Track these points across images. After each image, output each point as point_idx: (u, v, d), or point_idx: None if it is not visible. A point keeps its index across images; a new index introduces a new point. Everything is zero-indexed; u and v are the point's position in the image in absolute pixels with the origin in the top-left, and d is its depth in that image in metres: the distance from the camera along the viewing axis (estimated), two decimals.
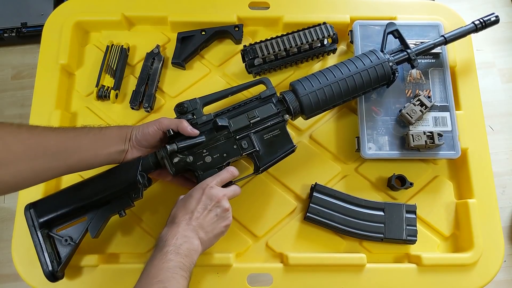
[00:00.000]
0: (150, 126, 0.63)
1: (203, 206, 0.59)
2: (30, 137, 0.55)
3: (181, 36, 0.80)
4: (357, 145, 0.74)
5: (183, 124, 0.63)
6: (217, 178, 0.63)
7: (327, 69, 0.69)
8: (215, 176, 0.63)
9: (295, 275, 0.68)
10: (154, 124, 0.63)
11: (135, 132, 0.63)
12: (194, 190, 0.62)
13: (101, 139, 0.61)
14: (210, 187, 0.61)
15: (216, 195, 0.60)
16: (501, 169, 1.45)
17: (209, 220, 0.60)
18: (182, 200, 0.62)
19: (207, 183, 0.61)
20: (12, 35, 1.48)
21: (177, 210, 0.60)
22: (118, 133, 0.63)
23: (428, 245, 0.72)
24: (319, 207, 0.70)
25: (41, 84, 0.77)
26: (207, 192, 0.60)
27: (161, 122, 0.63)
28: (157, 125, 0.63)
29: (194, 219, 0.58)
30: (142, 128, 0.63)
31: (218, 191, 0.61)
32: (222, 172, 0.64)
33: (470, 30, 0.75)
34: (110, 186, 0.63)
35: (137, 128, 0.64)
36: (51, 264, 0.61)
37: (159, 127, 0.63)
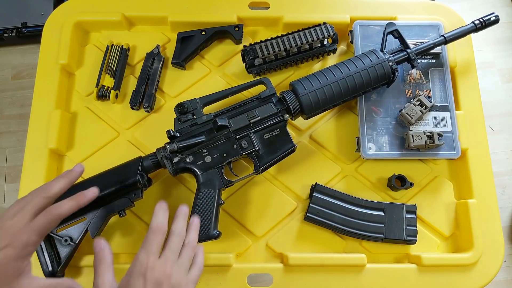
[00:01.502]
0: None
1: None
2: None
3: (181, 36, 0.80)
4: (357, 145, 0.74)
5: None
6: (151, 247, 0.48)
7: (327, 69, 0.69)
8: (146, 246, 0.48)
9: (295, 275, 0.68)
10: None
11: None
12: (132, 278, 0.46)
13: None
14: (151, 268, 0.46)
15: (163, 276, 0.46)
16: (501, 169, 1.45)
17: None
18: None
19: (144, 265, 0.47)
20: (12, 35, 1.48)
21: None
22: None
23: (428, 245, 0.72)
24: (319, 207, 0.70)
25: (41, 84, 0.77)
26: (151, 277, 0.45)
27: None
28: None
29: None
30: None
31: (164, 269, 0.47)
32: (150, 235, 0.49)
33: (470, 30, 0.75)
34: (110, 186, 0.63)
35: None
36: (51, 264, 0.61)
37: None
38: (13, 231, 0.46)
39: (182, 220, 0.54)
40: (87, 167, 0.74)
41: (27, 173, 0.72)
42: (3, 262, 0.44)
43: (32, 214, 0.48)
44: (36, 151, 0.73)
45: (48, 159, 0.72)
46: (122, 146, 0.76)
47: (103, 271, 0.47)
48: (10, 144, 1.46)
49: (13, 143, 1.46)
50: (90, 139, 0.76)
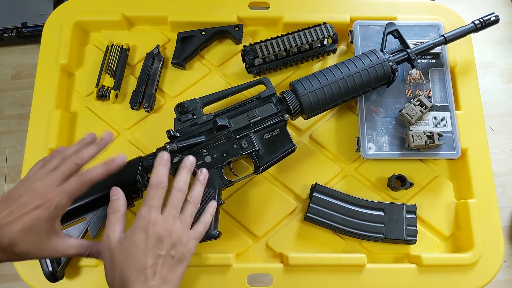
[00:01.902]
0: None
1: (154, 254, 0.46)
2: None
3: (181, 36, 0.80)
4: (357, 145, 0.74)
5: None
6: (152, 203, 0.49)
7: (327, 69, 0.69)
8: (147, 201, 0.49)
9: (295, 275, 0.68)
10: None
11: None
12: (134, 232, 0.48)
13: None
14: (153, 223, 0.48)
15: (164, 232, 0.48)
16: (501, 169, 1.45)
17: (169, 268, 0.47)
18: (122, 249, 0.47)
19: (147, 219, 0.48)
20: (12, 35, 1.48)
21: (122, 268, 0.46)
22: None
23: (428, 245, 0.72)
24: (319, 207, 0.70)
25: (41, 84, 0.77)
26: (152, 232, 0.47)
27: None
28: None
29: (151, 278, 0.45)
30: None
31: (165, 225, 0.48)
32: (150, 191, 0.50)
33: (470, 30, 0.75)
34: (110, 186, 0.63)
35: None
36: (51, 264, 0.61)
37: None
38: (45, 192, 0.47)
39: (185, 173, 0.54)
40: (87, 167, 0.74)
41: None
42: (35, 222, 0.45)
43: (63, 178, 0.50)
44: (36, 151, 0.73)
45: None
46: (122, 146, 0.76)
47: (115, 220, 0.49)
48: (10, 144, 1.46)
49: (13, 143, 1.46)
50: None
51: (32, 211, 0.45)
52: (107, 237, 0.48)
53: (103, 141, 0.57)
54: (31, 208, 0.46)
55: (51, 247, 0.48)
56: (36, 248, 0.46)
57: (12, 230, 0.44)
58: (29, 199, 0.46)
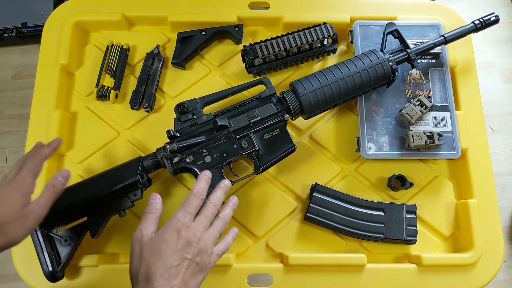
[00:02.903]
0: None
1: (182, 256, 0.48)
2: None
3: (181, 36, 0.80)
4: (357, 145, 0.74)
5: None
6: (189, 209, 0.52)
7: (327, 68, 0.69)
8: (186, 206, 0.52)
9: (295, 275, 0.68)
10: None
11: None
12: (167, 231, 0.50)
13: None
14: (186, 227, 0.50)
15: (194, 238, 0.49)
16: (501, 169, 1.45)
17: (192, 273, 0.49)
18: (152, 245, 0.49)
19: (181, 222, 0.50)
20: (12, 35, 1.48)
21: (149, 262, 0.47)
22: None
23: (428, 245, 0.72)
24: (319, 207, 0.70)
25: (41, 84, 0.77)
26: (184, 235, 0.49)
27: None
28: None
29: (174, 278, 0.46)
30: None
31: (196, 232, 0.50)
32: (191, 198, 0.53)
33: (470, 30, 0.75)
34: (110, 186, 0.63)
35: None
36: (51, 264, 0.61)
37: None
38: (10, 179, 0.52)
39: (221, 192, 0.57)
40: (87, 167, 0.75)
41: None
42: (11, 205, 0.49)
43: (33, 175, 0.54)
44: None
45: (48, 159, 0.72)
46: (122, 146, 0.76)
47: (151, 220, 0.52)
48: (10, 144, 1.46)
49: (13, 143, 1.46)
50: (90, 139, 0.76)
51: (4, 198, 0.49)
52: (140, 231, 0.50)
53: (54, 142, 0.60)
54: (3, 196, 0.49)
55: (27, 220, 0.50)
56: (17, 225, 0.49)
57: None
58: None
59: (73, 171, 0.75)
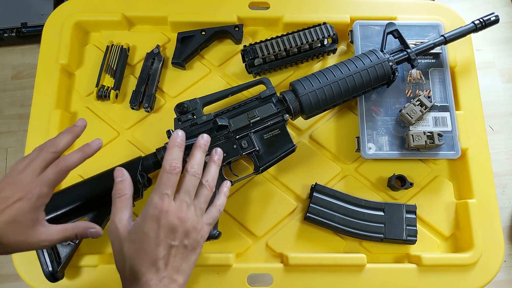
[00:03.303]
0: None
1: (166, 245, 0.44)
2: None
3: (181, 36, 0.80)
4: (357, 145, 0.74)
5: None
6: (164, 190, 0.46)
7: (327, 68, 0.69)
8: (159, 188, 0.46)
9: (295, 275, 0.68)
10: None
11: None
12: (146, 221, 0.45)
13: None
14: (166, 212, 0.45)
15: (176, 221, 0.45)
16: (501, 169, 1.45)
17: (182, 257, 0.45)
18: (132, 239, 0.45)
19: (158, 208, 0.45)
20: (12, 35, 1.48)
21: (133, 259, 0.44)
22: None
23: (428, 245, 0.72)
24: (319, 207, 0.70)
25: (41, 84, 0.77)
26: (164, 222, 0.45)
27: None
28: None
29: (163, 269, 0.44)
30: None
31: (178, 213, 0.46)
32: (163, 176, 0.47)
33: (470, 30, 0.75)
34: (110, 186, 0.63)
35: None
36: (51, 264, 0.61)
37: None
38: (25, 184, 0.47)
39: (200, 154, 0.50)
40: (87, 167, 0.74)
41: None
42: (19, 213, 0.45)
43: (41, 168, 0.49)
44: None
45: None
46: (122, 146, 0.76)
47: (121, 205, 0.47)
48: (10, 144, 1.46)
49: (13, 143, 1.46)
50: (90, 139, 0.76)
51: (14, 203, 0.45)
52: (114, 224, 0.46)
53: (77, 128, 0.54)
54: (13, 201, 0.45)
55: (37, 236, 0.47)
56: (22, 238, 0.46)
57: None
58: (11, 192, 0.46)
59: (73, 171, 0.74)
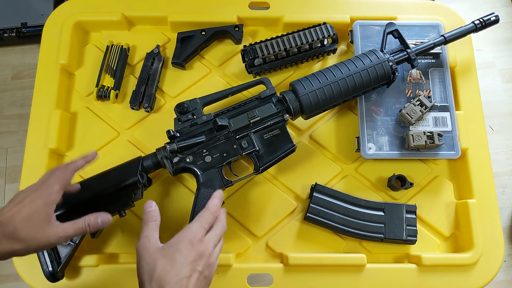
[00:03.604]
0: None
1: (193, 268, 0.49)
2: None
3: (181, 36, 0.80)
4: (357, 145, 0.74)
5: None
6: (204, 224, 0.53)
7: (327, 68, 0.69)
8: (201, 220, 0.53)
9: (295, 275, 0.68)
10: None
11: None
12: (181, 241, 0.50)
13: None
14: (199, 240, 0.50)
15: (206, 251, 0.50)
16: (501, 169, 1.45)
17: (200, 286, 0.49)
18: (165, 253, 0.49)
19: (195, 235, 0.51)
20: (12, 35, 1.48)
21: (164, 270, 0.47)
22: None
23: (428, 245, 0.72)
24: (319, 207, 0.70)
25: (41, 84, 0.77)
26: (197, 248, 0.50)
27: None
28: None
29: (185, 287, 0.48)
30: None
31: (208, 246, 0.51)
32: (206, 213, 0.54)
33: (470, 30, 0.75)
34: (110, 186, 0.63)
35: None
36: (51, 264, 0.61)
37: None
38: (36, 187, 0.54)
39: (224, 213, 0.58)
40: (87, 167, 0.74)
41: (27, 173, 0.72)
42: (33, 209, 0.51)
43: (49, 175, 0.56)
44: (36, 151, 0.73)
45: (48, 159, 0.72)
46: (122, 146, 0.76)
47: (154, 227, 0.52)
48: (10, 144, 1.46)
49: (13, 143, 1.46)
50: (90, 139, 0.76)
51: (28, 203, 0.52)
52: (147, 239, 0.51)
53: (88, 157, 0.62)
54: (27, 201, 0.52)
55: (53, 230, 0.52)
56: (37, 233, 0.51)
57: (14, 221, 0.50)
58: (25, 195, 0.53)
59: None
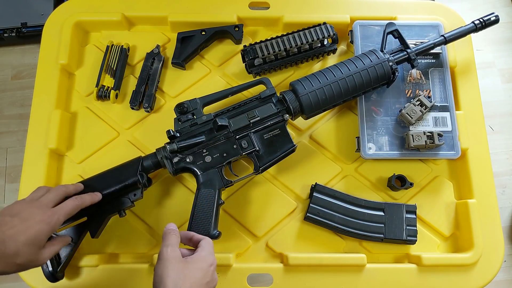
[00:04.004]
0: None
1: (209, 276, 0.53)
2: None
3: (181, 36, 0.80)
4: (357, 145, 0.74)
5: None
6: (214, 261, 0.57)
7: (327, 68, 0.69)
8: (215, 261, 0.57)
9: (295, 275, 0.68)
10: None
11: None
12: (204, 259, 0.54)
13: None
14: (214, 267, 0.55)
15: (215, 277, 0.55)
16: (501, 169, 1.45)
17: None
18: (190, 265, 0.52)
19: (212, 258, 0.55)
20: (12, 35, 1.48)
21: (190, 278, 0.51)
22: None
23: (428, 245, 0.72)
24: (319, 207, 0.70)
25: (41, 84, 0.77)
26: (212, 270, 0.54)
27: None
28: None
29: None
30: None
31: (215, 276, 0.56)
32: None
33: (470, 30, 0.75)
34: (110, 186, 0.63)
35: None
36: (51, 264, 0.61)
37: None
38: (44, 210, 0.52)
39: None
40: (87, 167, 0.74)
41: (27, 173, 0.72)
42: (38, 235, 0.50)
43: (55, 201, 0.55)
44: (36, 151, 0.73)
45: (48, 159, 0.72)
46: (122, 146, 0.76)
47: (175, 238, 0.54)
48: (10, 144, 1.46)
49: (13, 143, 1.46)
50: (90, 139, 0.76)
51: (35, 225, 0.50)
52: (171, 247, 0.52)
53: (81, 186, 0.62)
54: (34, 222, 0.50)
55: (42, 256, 0.52)
56: (32, 260, 0.50)
57: (17, 242, 0.48)
58: (30, 214, 0.50)
59: (73, 171, 0.75)
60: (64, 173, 0.75)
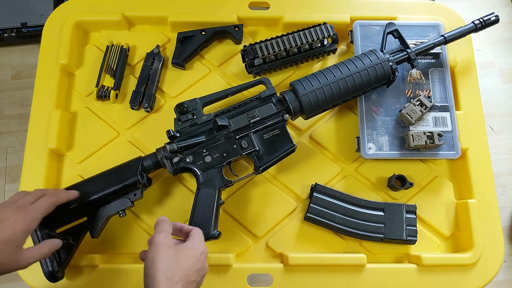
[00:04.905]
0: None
1: (197, 274, 0.55)
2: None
3: (181, 36, 0.80)
4: (357, 145, 0.74)
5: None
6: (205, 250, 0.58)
7: (327, 69, 0.69)
8: (203, 242, 0.58)
9: (295, 275, 0.68)
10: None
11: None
12: (197, 246, 0.55)
13: None
14: (206, 255, 0.57)
15: (205, 269, 0.56)
16: (501, 169, 1.45)
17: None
18: (185, 251, 0.54)
19: (204, 246, 0.56)
20: (12, 35, 1.48)
21: (186, 264, 0.52)
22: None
23: (428, 245, 0.72)
24: (319, 207, 0.70)
25: (41, 84, 0.77)
26: (204, 257, 0.56)
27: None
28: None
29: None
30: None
31: (205, 264, 0.57)
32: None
33: (470, 30, 0.75)
34: (110, 186, 0.63)
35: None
36: (51, 264, 0.61)
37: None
38: (19, 209, 0.53)
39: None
40: (87, 167, 0.74)
41: (27, 173, 0.72)
42: (15, 234, 0.51)
43: (33, 201, 0.56)
44: (36, 151, 0.73)
45: (48, 159, 0.72)
46: (122, 146, 0.76)
47: (168, 225, 0.55)
48: (10, 144, 1.46)
49: (13, 143, 1.46)
50: (90, 139, 0.76)
51: (11, 224, 0.51)
52: (164, 233, 0.53)
53: (61, 192, 0.62)
54: (10, 221, 0.51)
55: (22, 257, 0.52)
56: (13, 259, 0.51)
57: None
58: (5, 215, 0.52)
59: (73, 171, 0.75)
60: (64, 173, 0.75)
